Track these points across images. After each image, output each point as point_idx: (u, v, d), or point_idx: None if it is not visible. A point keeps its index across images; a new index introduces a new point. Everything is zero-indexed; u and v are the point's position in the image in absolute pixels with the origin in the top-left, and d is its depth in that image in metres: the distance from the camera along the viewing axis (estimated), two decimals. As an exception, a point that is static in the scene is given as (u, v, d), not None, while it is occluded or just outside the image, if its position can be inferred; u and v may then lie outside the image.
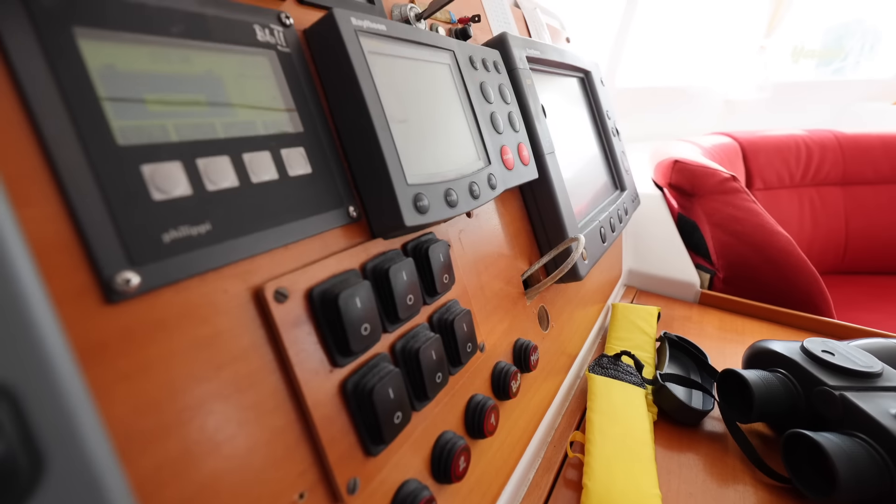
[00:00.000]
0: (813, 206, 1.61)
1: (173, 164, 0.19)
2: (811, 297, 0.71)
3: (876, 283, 1.52)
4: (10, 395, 0.11)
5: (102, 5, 0.18)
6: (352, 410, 0.23)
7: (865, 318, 1.32)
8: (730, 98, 2.13)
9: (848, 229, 1.61)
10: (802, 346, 0.43)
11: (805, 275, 0.72)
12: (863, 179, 1.62)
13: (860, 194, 1.62)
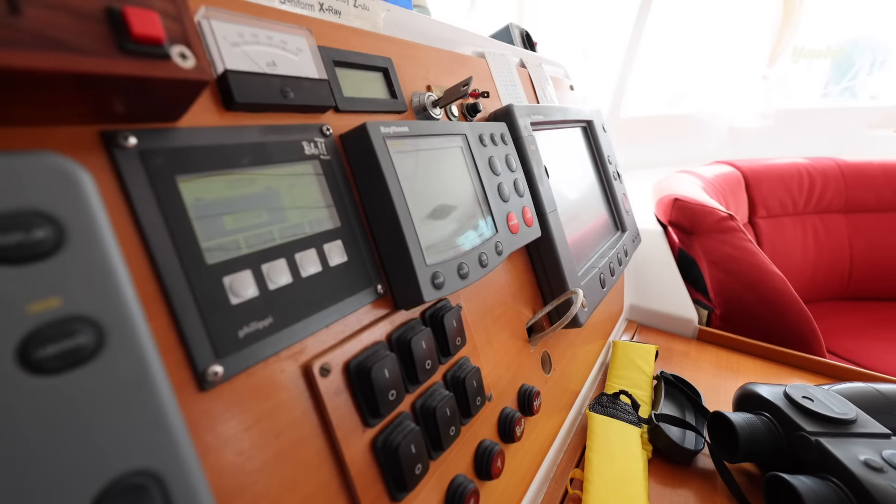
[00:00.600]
0: (816, 234, 1.63)
1: (245, 273, 0.24)
2: (802, 334, 0.74)
3: (880, 308, 1.53)
4: (159, 479, 0.15)
5: (195, 156, 0.23)
6: (380, 463, 0.27)
7: (868, 345, 1.33)
8: (734, 125, 2.17)
9: (852, 256, 1.62)
10: (785, 392, 0.47)
11: (797, 314, 0.75)
12: (866, 207, 1.64)
13: (863, 221, 1.63)
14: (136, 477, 0.15)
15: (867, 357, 1.25)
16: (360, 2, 0.40)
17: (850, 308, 1.56)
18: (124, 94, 0.18)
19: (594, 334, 0.67)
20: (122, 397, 0.15)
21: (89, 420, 0.14)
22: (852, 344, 1.33)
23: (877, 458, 0.38)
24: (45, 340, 0.14)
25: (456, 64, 0.51)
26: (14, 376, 0.13)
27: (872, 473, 0.36)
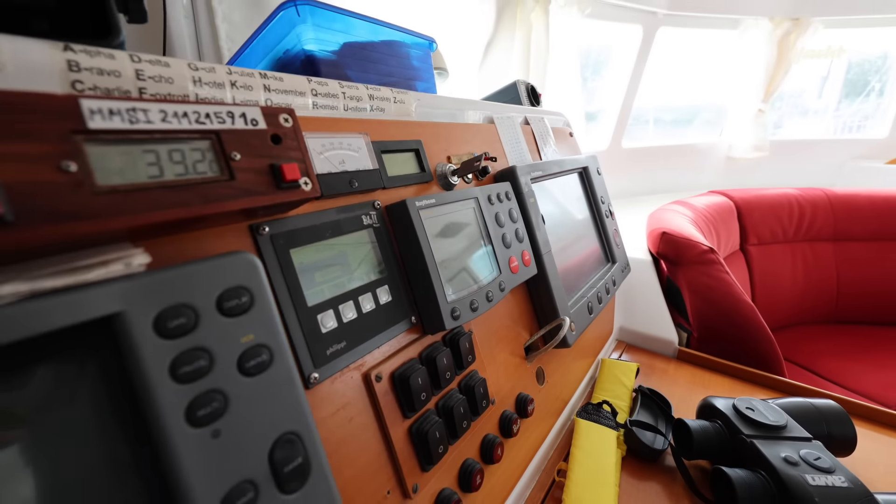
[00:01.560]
0: (805, 261, 1.70)
1: (329, 311, 0.35)
2: (766, 356, 0.83)
3: (864, 333, 1.60)
4: (300, 437, 0.27)
5: (300, 234, 0.35)
6: (414, 444, 0.38)
7: (849, 366, 1.40)
8: (731, 156, 2.26)
9: (839, 282, 1.69)
10: (733, 404, 0.57)
11: (762, 338, 0.85)
12: (852, 236, 1.71)
13: (850, 250, 1.71)
14: (289, 434, 0.26)
15: (847, 377, 1.32)
16: (398, 98, 0.52)
17: (836, 331, 1.63)
18: (271, 207, 0.30)
19: (585, 352, 0.78)
20: (282, 389, 0.26)
21: (269, 402, 0.26)
22: (835, 364, 1.40)
23: (794, 456, 0.48)
24: (249, 358, 0.25)
25: (470, 133, 0.63)
26: (236, 378, 0.25)
27: (789, 467, 0.46)
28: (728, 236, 1.58)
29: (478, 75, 1.30)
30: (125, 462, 0.21)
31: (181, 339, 0.23)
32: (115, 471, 0.21)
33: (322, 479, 0.27)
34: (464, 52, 1.27)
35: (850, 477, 0.45)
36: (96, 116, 0.21)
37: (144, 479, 0.21)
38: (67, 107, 0.21)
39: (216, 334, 0.24)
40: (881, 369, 1.38)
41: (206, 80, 0.32)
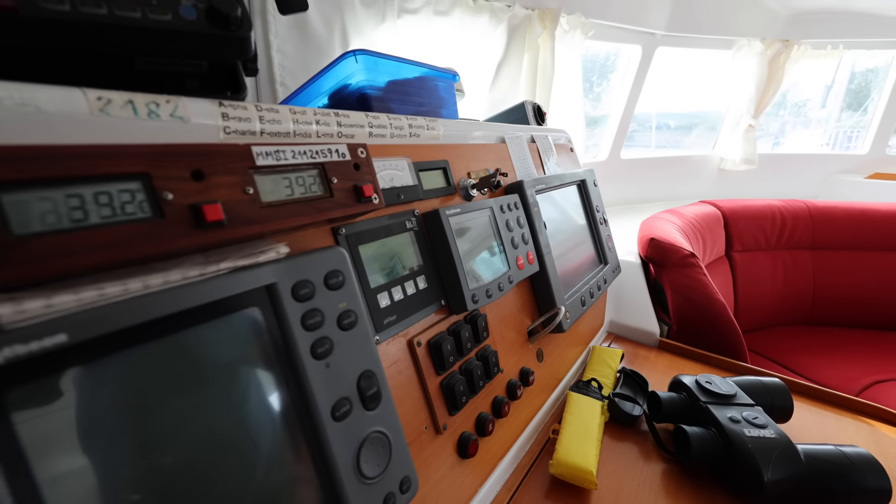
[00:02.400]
0: (785, 267, 1.81)
1: (384, 293, 0.47)
2: (733, 346, 0.95)
3: (836, 333, 1.71)
4: (374, 374, 0.38)
5: (365, 235, 0.46)
6: (444, 394, 0.50)
7: (818, 362, 1.52)
8: (723, 168, 2.37)
9: (815, 287, 1.80)
10: (696, 379, 0.68)
11: (731, 332, 0.96)
12: (829, 245, 1.82)
13: (826, 258, 1.81)
14: (368, 371, 0.38)
15: (814, 371, 1.43)
16: (430, 125, 0.63)
17: (810, 331, 1.74)
18: (349, 216, 0.42)
19: (578, 340, 0.89)
20: (363, 342, 0.38)
21: (356, 349, 0.37)
22: (806, 360, 1.51)
23: (738, 416, 0.59)
24: (343, 318, 0.37)
25: (485, 151, 0.74)
26: (336, 331, 0.36)
27: (732, 423, 0.58)
28: (714, 243, 1.68)
29: (489, 93, 1.42)
30: (279, 379, 0.33)
31: (306, 302, 0.34)
32: (271, 383, 0.32)
33: (389, 404, 0.39)
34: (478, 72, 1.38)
35: (778, 431, 0.56)
36: (259, 157, 0.33)
37: (289, 390, 0.33)
38: (246, 151, 0.32)
39: (325, 301, 0.36)
40: (846, 365, 1.49)
41: (300, 120, 0.44)
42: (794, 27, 2.02)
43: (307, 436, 0.33)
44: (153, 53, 0.34)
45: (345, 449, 0.34)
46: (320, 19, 0.93)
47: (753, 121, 2.22)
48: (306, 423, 0.33)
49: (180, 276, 0.28)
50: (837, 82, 3.17)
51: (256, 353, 0.32)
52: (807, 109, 3.45)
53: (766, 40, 2.05)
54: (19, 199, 0.21)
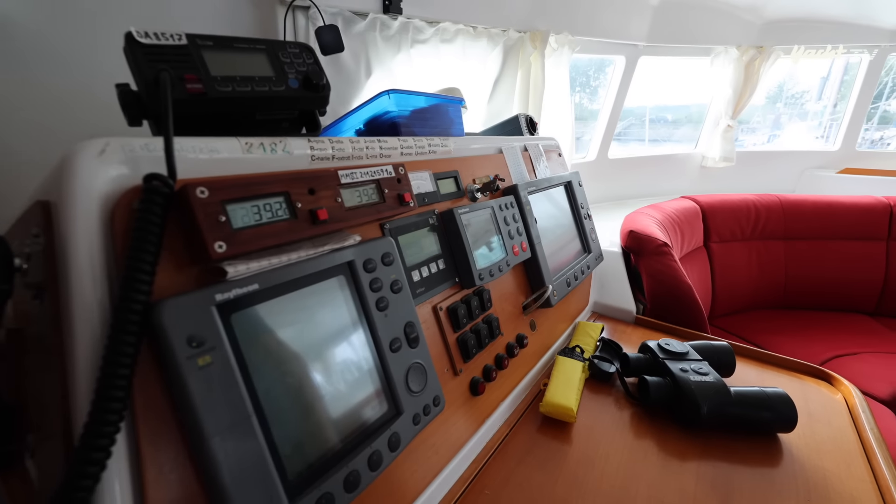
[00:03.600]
0: (760, 256, 1.98)
1: (416, 270, 0.64)
2: (696, 321, 1.12)
3: (805, 316, 1.89)
4: (414, 325, 0.55)
5: (403, 228, 0.64)
6: (459, 346, 0.67)
7: (784, 340, 1.69)
8: (704, 165, 2.55)
9: (787, 274, 1.98)
10: (658, 343, 0.86)
11: (695, 309, 1.14)
12: (799, 235, 1.99)
13: (797, 247, 1.99)
14: (410, 322, 0.55)
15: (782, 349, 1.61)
16: (444, 143, 0.80)
17: (782, 314, 1.92)
18: (393, 216, 0.59)
19: (565, 317, 1.06)
20: (407, 302, 0.55)
21: (402, 306, 0.54)
22: (776, 340, 1.69)
23: (687, 368, 0.77)
24: (394, 285, 0.54)
25: (486, 161, 0.91)
26: (390, 293, 0.53)
27: (682, 373, 0.75)
28: (692, 235, 1.86)
29: (487, 106, 1.59)
30: (355, 322, 0.50)
31: (371, 273, 0.51)
32: (350, 325, 0.50)
33: (424, 346, 0.56)
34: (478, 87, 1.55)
35: (717, 378, 0.74)
36: (343, 177, 0.50)
37: (364, 330, 0.50)
38: (335, 174, 0.49)
39: (382, 273, 0.53)
40: (812, 343, 1.67)
41: (356, 147, 0.61)
42: (767, 34, 2.20)
43: (376, 360, 0.50)
44: (269, 109, 0.51)
45: (398, 371, 0.52)
46: (349, 54, 1.10)
47: (731, 121, 2.39)
48: (375, 352, 0.50)
49: (304, 254, 0.45)
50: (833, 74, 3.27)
51: (345, 305, 0.49)
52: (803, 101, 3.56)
53: (741, 47, 2.23)
54: (233, 208, 0.39)
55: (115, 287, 0.35)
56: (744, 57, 2.26)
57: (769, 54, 2.26)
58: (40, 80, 0.93)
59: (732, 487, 0.64)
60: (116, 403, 0.30)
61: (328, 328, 0.46)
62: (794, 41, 2.24)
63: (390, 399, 0.50)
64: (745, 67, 2.29)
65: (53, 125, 0.93)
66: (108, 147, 0.36)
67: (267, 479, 0.36)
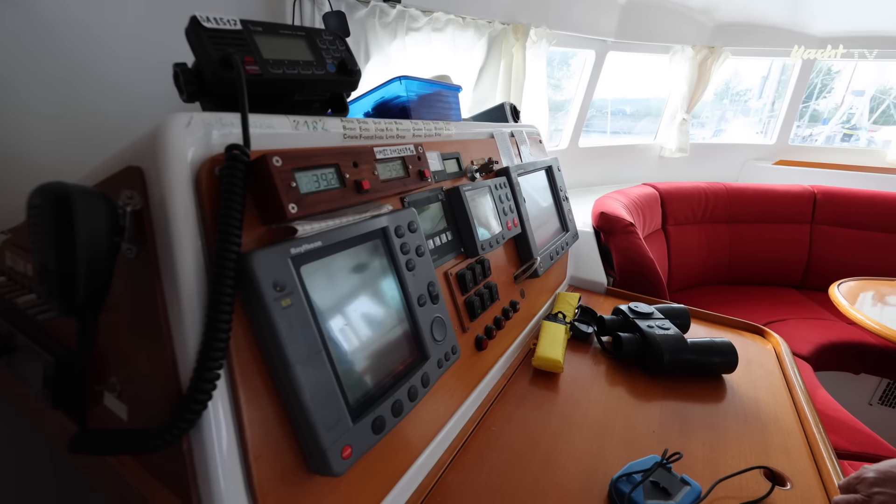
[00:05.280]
0: (708, 237, 2.15)
1: (430, 240, 0.70)
2: (658, 289, 1.24)
3: (745, 290, 2.07)
4: (435, 284, 0.61)
5: (419, 201, 0.69)
6: (466, 307, 0.74)
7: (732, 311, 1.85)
8: (662, 155, 2.70)
9: (731, 254, 2.15)
10: (629, 306, 0.96)
11: (657, 280, 1.25)
12: (742, 219, 2.17)
13: (740, 229, 2.16)
14: (431, 281, 0.61)
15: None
16: (447, 127, 0.86)
17: (726, 289, 2.10)
18: (415, 189, 0.64)
19: (548, 289, 1.15)
20: (428, 264, 0.61)
21: (425, 268, 0.60)
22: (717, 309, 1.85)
23: (654, 325, 0.87)
24: (418, 249, 0.60)
25: (481, 144, 0.97)
26: (415, 256, 0.59)
27: (648, 328, 0.85)
28: (652, 218, 1.99)
29: (473, 93, 1.64)
30: (390, 279, 0.56)
31: (401, 238, 0.57)
32: (387, 281, 0.55)
33: (443, 303, 0.62)
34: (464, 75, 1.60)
35: (677, 332, 0.85)
36: (378, 153, 0.55)
37: (396, 285, 0.56)
38: (371, 151, 0.54)
39: (410, 238, 0.59)
40: (751, 312, 1.85)
41: (378, 127, 0.66)
42: (718, 36, 2.34)
43: (408, 312, 0.56)
44: (309, 91, 0.55)
45: (425, 322, 0.58)
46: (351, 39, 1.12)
47: (686, 115, 2.54)
48: (406, 306, 0.56)
49: (350, 219, 0.50)
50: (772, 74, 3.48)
51: (382, 264, 0.55)
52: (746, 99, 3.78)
53: (695, 46, 2.36)
54: (300, 176, 0.44)
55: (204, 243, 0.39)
56: (698, 56, 2.40)
57: (719, 54, 2.41)
58: (49, 60, 0.91)
59: (688, 416, 0.74)
60: (223, 334, 0.35)
61: (370, 283, 0.52)
62: (741, 43, 2.40)
63: (420, 345, 0.57)
64: (698, 65, 2.43)
65: (64, 101, 0.92)
66: (193, 119, 0.40)
67: (336, 402, 0.42)
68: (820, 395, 1.41)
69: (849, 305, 1.45)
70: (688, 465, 0.64)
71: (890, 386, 1.78)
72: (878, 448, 1.19)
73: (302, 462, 0.41)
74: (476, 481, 0.60)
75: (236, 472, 0.36)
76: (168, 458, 0.36)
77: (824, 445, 0.68)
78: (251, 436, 0.37)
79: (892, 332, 1.29)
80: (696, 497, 0.56)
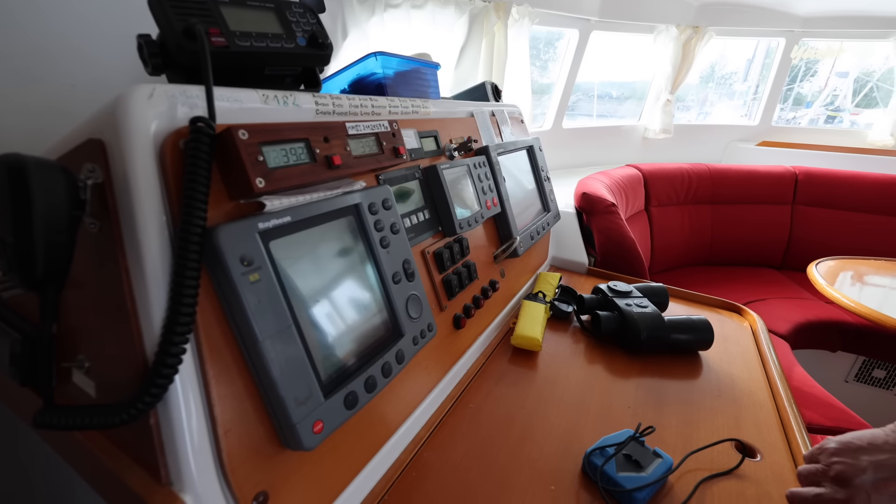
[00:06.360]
0: (691, 218, 2.19)
1: (406, 218, 0.70)
2: (638, 269, 1.27)
3: (727, 270, 2.13)
4: (410, 262, 0.62)
5: (394, 179, 0.69)
6: (444, 286, 0.75)
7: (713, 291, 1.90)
8: (646, 136, 2.72)
9: (713, 235, 2.20)
10: (608, 285, 0.98)
11: (637, 260, 1.28)
12: (724, 200, 2.21)
13: (722, 210, 2.21)
14: (407, 259, 0.62)
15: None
16: (424, 105, 0.85)
17: (709, 269, 2.15)
18: (389, 167, 0.64)
19: (529, 269, 1.17)
20: (404, 242, 0.62)
21: (400, 246, 0.61)
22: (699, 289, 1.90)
23: (632, 303, 0.89)
24: (393, 226, 0.60)
25: (460, 123, 0.97)
26: (390, 234, 0.60)
27: (627, 307, 0.88)
28: (635, 199, 2.02)
29: (455, 72, 1.63)
30: (363, 256, 0.56)
31: (375, 215, 0.57)
32: (361, 258, 0.56)
33: (419, 281, 0.63)
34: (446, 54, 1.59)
35: (654, 310, 0.87)
36: (350, 129, 0.55)
37: (370, 262, 0.56)
38: (343, 126, 0.54)
39: (384, 215, 0.59)
40: (732, 291, 1.90)
41: (352, 104, 0.65)
42: (702, 15, 2.35)
43: (382, 290, 0.57)
44: (279, 65, 0.55)
45: (400, 300, 0.59)
46: (328, 15, 1.10)
47: (670, 96, 2.56)
48: (380, 283, 0.57)
49: (322, 195, 0.50)
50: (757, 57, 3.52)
51: (355, 241, 0.55)
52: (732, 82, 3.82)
53: (680, 26, 2.37)
54: (268, 150, 0.44)
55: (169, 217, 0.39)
56: (682, 36, 2.41)
57: (703, 34, 2.42)
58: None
59: (664, 392, 0.77)
60: (188, 308, 0.35)
61: (343, 260, 0.53)
62: (726, 23, 2.42)
63: (395, 322, 0.58)
64: (682, 46, 2.44)
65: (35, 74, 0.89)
66: (155, 91, 0.40)
67: (307, 377, 0.43)
68: (797, 372, 1.47)
69: (826, 284, 1.50)
70: (661, 438, 0.67)
71: (865, 363, 1.85)
72: (850, 422, 1.25)
73: (274, 436, 0.42)
74: (452, 457, 0.62)
75: (205, 445, 0.36)
76: (136, 434, 0.37)
77: (794, 419, 0.71)
78: (220, 410, 0.38)
79: (868, 311, 1.34)
80: (668, 469, 0.58)
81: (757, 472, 0.62)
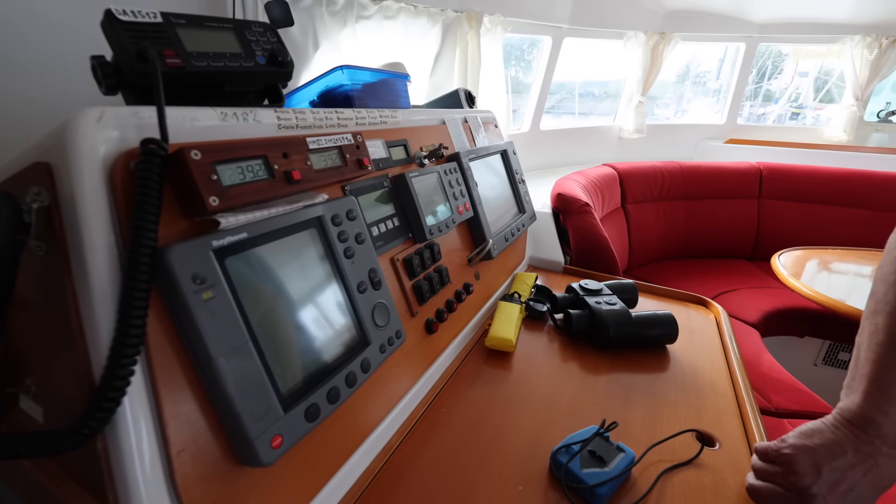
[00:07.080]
0: (665, 214, 2.20)
1: (374, 227, 0.69)
2: (611, 266, 1.27)
3: (700, 263, 2.15)
4: (377, 271, 0.61)
5: (362, 190, 0.69)
6: (415, 291, 0.74)
7: (687, 283, 1.93)
8: (621, 136, 2.74)
9: (687, 229, 2.22)
10: (579, 283, 0.98)
11: (610, 257, 1.29)
12: (696, 196, 2.23)
13: (694, 206, 2.23)
14: (373, 268, 0.61)
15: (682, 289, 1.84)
16: (393, 115, 0.84)
17: (683, 262, 2.17)
18: (354, 178, 0.64)
19: (505, 270, 1.17)
20: (369, 251, 0.61)
21: (365, 255, 0.60)
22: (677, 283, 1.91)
23: (601, 301, 0.89)
24: (358, 237, 0.60)
25: (431, 131, 0.96)
26: (354, 244, 0.59)
27: (596, 304, 0.88)
28: (611, 197, 2.03)
29: (429, 79, 1.62)
30: (327, 267, 0.55)
31: (339, 226, 0.57)
32: (324, 269, 0.55)
33: (386, 289, 0.62)
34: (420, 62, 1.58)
35: (622, 307, 0.87)
36: (311, 143, 0.54)
37: (334, 273, 0.56)
38: (304, 141, 0.53)
39: (348, 226, 0.58)
40: (705, 283, 1.92)
41: (316, 117, 0.64)
42: (668, 22, 2.37)
43: (347, 299, 0.56)
44: (239, 83, 0.54)
45: (366, 309, 0.58)
46: (298, 27, 1.09)
47: (642, 97, 2.58)
48: (345, 293, 0.56)
49: (282, 209, 0.49)
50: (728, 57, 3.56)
51: (318, 253, 0.54)
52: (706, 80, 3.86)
53: (647, 32, 2.39)
54: (222, 168, 0.42)
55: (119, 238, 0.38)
56: (650, 41, 2.43)
57: (670, 39, 2.44)
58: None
59: (631, 386, 0.77)
60: (136, 329, 0.34)
61: (305, 272, 0.52)
62: (689, 30, 2.44)
63: (360, 331, 0.57)
64: (651, 50, 2.46)
65: None
66: (105, 114, 0.39)
67: (265, 392, 0.42)
68: (765, 359, 1.48)
69: (787, 274, 1.53)
70: (626, 432, 0.67)
71: (832, 347, 1.88)
72: (816, 406, 1.26)
73: (231, 454, 0.41)
74: (424, 462, 0.61)
75: (157, 468, 0.35)
76: (84, 460, 0.35)
77: (751, 406, 0.72)
78: (173, 430, 0.36)
79: (825, 298, 1.36)
80: (630, 462, 0.58)
81: (715, 461, 0.62)
